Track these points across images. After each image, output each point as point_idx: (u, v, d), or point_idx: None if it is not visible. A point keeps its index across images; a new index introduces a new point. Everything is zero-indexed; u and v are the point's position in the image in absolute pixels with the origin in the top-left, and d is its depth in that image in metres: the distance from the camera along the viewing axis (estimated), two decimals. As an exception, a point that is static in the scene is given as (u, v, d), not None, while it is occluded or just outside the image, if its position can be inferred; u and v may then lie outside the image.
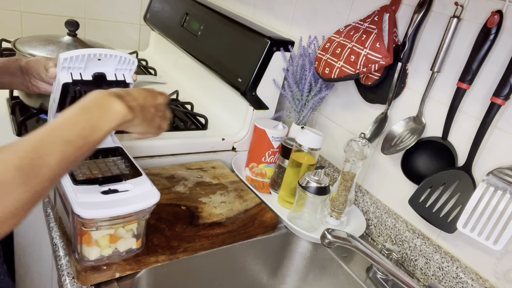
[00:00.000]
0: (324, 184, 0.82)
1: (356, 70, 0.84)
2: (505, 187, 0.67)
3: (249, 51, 1.06)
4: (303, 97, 0.97)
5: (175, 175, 0.94)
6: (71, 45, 0.95)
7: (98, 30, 1.66)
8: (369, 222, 0.93)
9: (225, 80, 1.12)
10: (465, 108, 0.76)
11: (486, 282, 0.73)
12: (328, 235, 0.68)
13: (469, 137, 0.73)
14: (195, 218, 0.81)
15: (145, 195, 0.64)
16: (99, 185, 0.62)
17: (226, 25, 1.17)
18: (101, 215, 0.59)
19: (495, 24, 0.67)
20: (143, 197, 0.63)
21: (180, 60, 1.45)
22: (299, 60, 0.98)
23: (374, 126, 0.90)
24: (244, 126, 1.09)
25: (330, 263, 0.85)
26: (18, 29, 1.51)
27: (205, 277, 0.80)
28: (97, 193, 0.61)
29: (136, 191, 0.64)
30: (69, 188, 0.61)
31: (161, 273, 0.72)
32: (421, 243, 0.81)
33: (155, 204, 0.65)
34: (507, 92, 0.66)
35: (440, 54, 0.76)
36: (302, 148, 0.89)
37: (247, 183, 0.99)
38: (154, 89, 0.69)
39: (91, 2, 1.61)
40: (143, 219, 0.66)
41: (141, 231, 0.67)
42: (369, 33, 0.83)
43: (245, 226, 0.83)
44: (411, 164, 0.82)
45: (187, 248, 0.74)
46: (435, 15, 0.79)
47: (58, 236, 0.72)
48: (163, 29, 1.50)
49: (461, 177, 0.73)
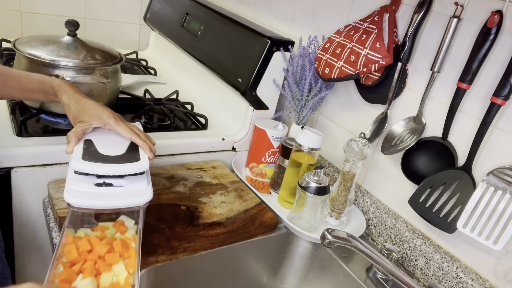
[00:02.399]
0: (324, 184, 0.82)
1: (356, 70, 0.84)
2: (505, 187, 0.67)
3: (249, 51, 1.06)
4: (303, 97, 0.97)
5: (175, 175, 0.94)
6: (71, 45, 0.95)
7: (98, 30, 1.66)
8: (369, 222, 0.92)
9: (225, 80, 1.12)
10: (465, 108, 0.76)
11: (486, 282, 0.73)
12: (328, 235, 0.68)
13: (469, 137, 0.73)
14: (195, 218, 0.81)
15: (138, 193, 0.64)
16: (97, 177, 0.63)
17: (226, 25, 1.17)
18: (87, 205, 0.60)
19: (495, 24, 0.67)
20: (135, 194, 0.64)
21: (180, 60, 1.45)
22: (299, 60, 0.98)
23: (374, 126, 0.90)
24: (244, 126, 1.09)
25: (330, 263, 0.85)
26: (18, 29, 1.51)
27: (205, 277, 0.80)
28: (90, 184, 0.62)
29: (130, 188, 0.64)
30: (69, 176, 0.63)
31: (161, 273, 0.72)
32: (421, 243, 0.81)
33: (145, 203, 0.65)
34: (507, 92, 0.66)
35: (440, 54, 0.76)
36: (302, 148, 0.89)
37: (247, 183, 0.99)
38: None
39: (91, 2, 1.61)
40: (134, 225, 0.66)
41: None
42: (369, 33, 0.83)
43: (245, 226, 0.83)
44: (411, 164, 0.82)
45: (187, 248, 0.74)
46: (435, 15, 0.79)
47: (58, 236, 0.72)
48: (163, 29, 1.50)
49: (461, 177, 0.73)
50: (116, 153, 0.68)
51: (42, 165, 0.84)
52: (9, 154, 0.81)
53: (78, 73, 0.92)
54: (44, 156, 0.84)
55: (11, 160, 0.81)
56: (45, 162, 0.85)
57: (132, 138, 0.73)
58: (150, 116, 1.09)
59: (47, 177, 0.84)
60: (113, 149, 0.69)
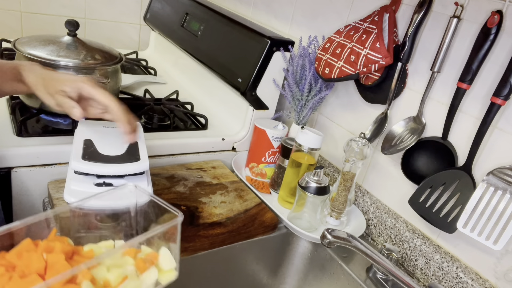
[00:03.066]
0: (324, 184, 0.82)
1: (356, 70, 0.84)
2: (505, 187, 0.67)
3: (249, 51, 1.06)
4: (303, 97, 0.97)
5: (175, 175, 0.94)
6: (71, 45, 0.95)
7: (98, 30, 1.66)
8: (369, 222, 0.92)
9: (225, 80, 1.12)
10: (465, 108, 0.76)
11: (486, 282, 0.73)
12: (328, 235, 0.68)
13: (469, 137, 0.73)
14: (195, 218, 0.81)
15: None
16: (97, 177, 0.63)
17: (226, 25, 1.17)
18: (85, 204, 0.60)
19: (495, 24, 0.67)
20: (133, 195, 0.64)
21: (180, 60, 1.45)
22: (299, 60, 0.98)
23: (374, 126, 0.90)
24: (244, 126, 1.09)
25: (330, 263, 0.85)
26: (18, 29, 1.51)
27: (205, 277, 0.80)
28: (90, 184, 0.62)
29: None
30: (69, 175, 0.63)
31: (161, 273, 0.72)
32: (421, 243, 0.81)
33: (142, 205, 0.64)
34: (507, 92, 0.66)
35: (440, 54, 0.76)
36: (302, 148, 0.89)
37: (247, 183, 0.99)
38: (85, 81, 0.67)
39: (91, 2, 1.61)
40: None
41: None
42: (369, 33, 0.83)
43: (245, 226, 0.83)
44: (411, 164, 0.82)
45: (187, 248, 0.74)
46: (435, 15, 0.79)
47: (58, 236, 0.72)
48: (163, 29, 1.50)
49: (461, 177, 0.73)
50: (116, 153, 0.68)
51: (42, 165, 0.84)
52: (9, 154, 0.81)
53: (78, 73, 0.92)
54: (44, 156, 0.84)
55: (11, 160, 0.81)
56: (45, 162, 0.85)
57: (110, 105, 0.66)
58: (150, 116, 1.09)
59: (47, 177, 0.84)
60: (113, 149, 0.69)
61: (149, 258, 0.53)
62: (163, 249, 0.55)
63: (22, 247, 0.46)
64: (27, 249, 0.46)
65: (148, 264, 0.52)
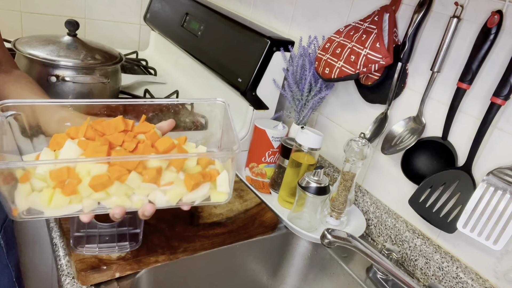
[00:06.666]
0: (324, 184, 0.82)
1: (356, 70, 0.84)
2: (505, 187, 0.67)
3: (249, 51, 1.06)
4: (303, 97, 0.97)
5: (175, 175, 0.94)
6: (71, 45, 0.95)
7: (98, 30, 1.66)
8: (369, 222, 0.93)
9: (225, 80, 1.12)
10: (465, 108, 0.76)
11: (486, 282, 0.73)
12: (328, 235, 0.68)
13: (469, 137, 0.73)
14: (195, 218, 0.81)
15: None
16: None
17: (226, 25, 1.17)
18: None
19: (495, 24, 0.67)
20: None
21: (180, 60, 1.45)
22: (299, 60, 0.98)
23: (374, 126, 0.90)
24: (244, 126, 1.09)
25: (330, 263, 0.85)
26: (18, 29, 1.51)
27: (205, 277, 0.80)
28: None
29: None
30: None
31: (161, 273, 0.72)
32: (421, 243, 0.81)
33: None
34: (507, 92, 0.66)
35: (440, 54, 0.76)
36: (302, 148, 0.89)
37: (247, 183, 0.99)
38: None
39: (91, 2, 1.61)
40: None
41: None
42: (369, 33, 0.83)
43: (245, 226, 0.83)
44: (411, 164, 0.82)
45: (187, 248, 0.74)
46: (435, 15, 0.79)
47: (58, 236, 0.72)
48: (163, 29, 1.50)
49: (461, 177, 0.73)
50: None
51: (42, 165, 0.84)
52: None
53: (78, 73, 0.93)
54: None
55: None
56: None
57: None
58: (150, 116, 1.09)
59: (47, 177, 0.84)
60: None
61: (210, 173, 0.58)
62: (224, 172, 0.59)
63: (115, 122, 0.57)
64: (117, 125, 0.56)
65: (206, 179, 0.57)
